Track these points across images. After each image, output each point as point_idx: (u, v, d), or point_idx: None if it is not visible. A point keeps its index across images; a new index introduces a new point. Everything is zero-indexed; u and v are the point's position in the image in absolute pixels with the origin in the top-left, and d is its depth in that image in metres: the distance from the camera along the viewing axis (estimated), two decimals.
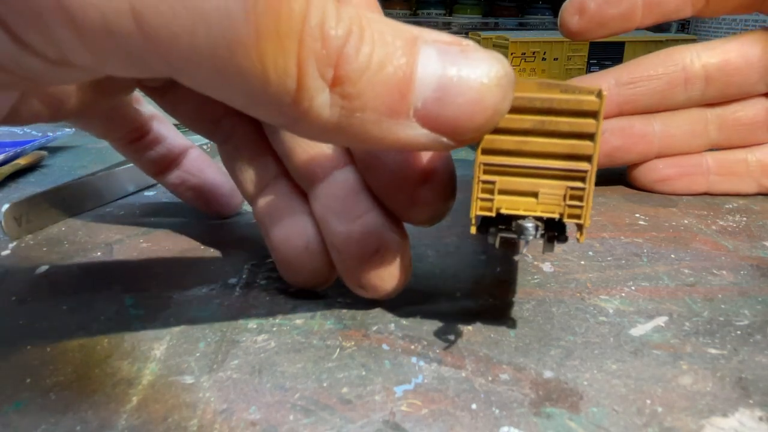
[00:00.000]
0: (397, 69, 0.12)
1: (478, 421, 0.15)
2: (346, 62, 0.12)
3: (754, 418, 0.15)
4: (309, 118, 0.12)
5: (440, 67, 0.13)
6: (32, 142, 0.37)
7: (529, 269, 0.23)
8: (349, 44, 0.12)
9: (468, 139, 0.14)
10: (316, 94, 0.12)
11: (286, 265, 0.20)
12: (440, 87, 0.13)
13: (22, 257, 0.24)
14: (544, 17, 0.83)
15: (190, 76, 0.12)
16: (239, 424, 0.14)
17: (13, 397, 0.15)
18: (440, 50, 0.13)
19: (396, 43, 0.13)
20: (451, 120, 0.13)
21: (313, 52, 0.12)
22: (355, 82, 0.12)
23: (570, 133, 0.15)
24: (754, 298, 0.21)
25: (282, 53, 0.11)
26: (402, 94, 0.13)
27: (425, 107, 0.13)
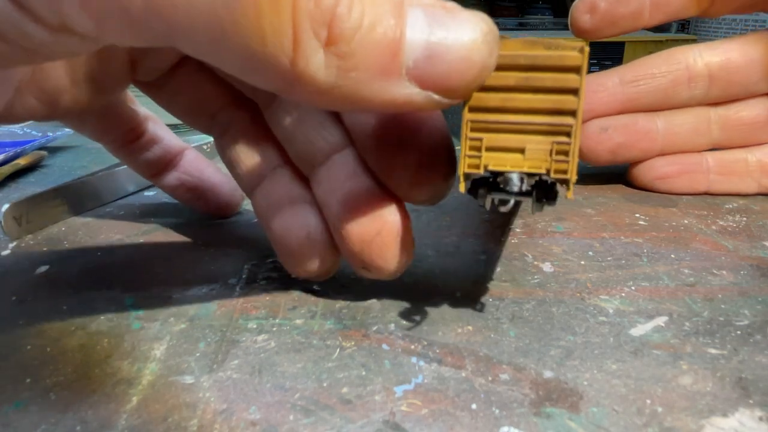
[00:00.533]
0: (387, 29, 0.13)
1: (478, 421, 0.15)
2: (340, 21, 0.12)
3: (754, 418, 0.15)
4: (305, 79, 0.13)
5: (428, 28, 0.13)
6: (32, 142, 0.37)
7: (529, 269, 0.23)
8: (342, 4, 0.12)
9: (459, 96, 0.14)
10: (312, 54, 0.12)
11: (288, 255, 0.20)
12: (429, 46, 0.13)
13: (22, 257, 0.24)
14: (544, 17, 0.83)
15: (189, 39, 0.12)
16: (239, 424, 0.14)
17: (13, 397, 0.15)
18: (427, 12, 0.13)
19: (385, 5, 0.13)
20: (442, 77, 0.14)
21: (307, 11, 0.12)
22: (349, 41, 0.12)
23: (554, 88, 0.15)
24: (754, 298, 0.21)
25: (277, 14, 0.12)
26: (393, 53, 0.13)
27: (416, 66, 0.13)
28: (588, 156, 0.32)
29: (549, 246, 0.25)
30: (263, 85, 0.14)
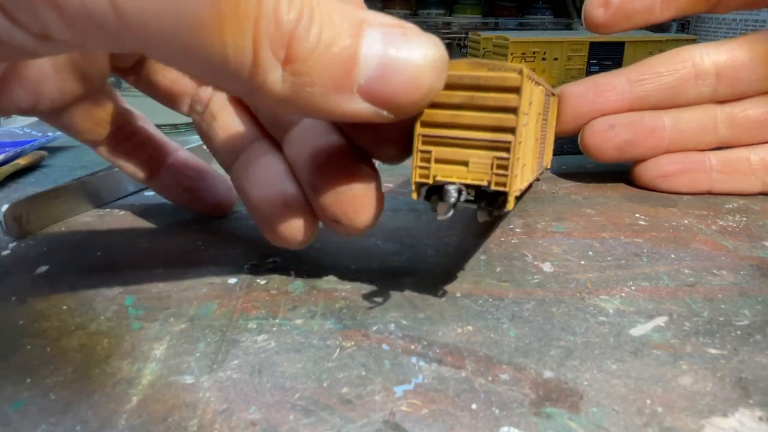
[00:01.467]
0: (342, 49, 0.14)
1: (478, 421, 0.15)
2: (297, 43, 0.13)
3: (754, 418, 0.15)
4: (263, 91, 0.14)
5: (382, 49, 0.14)
6: (32, 142, 0.37)
7: (529, 269, 0.23)
8: (300, 26, 0.13)
9: (406, 113, 0.16)
10: (270, 71, 0.14)
11: (267, 223, 0.20)
12: (382, 66, 0.14)
13: (22, 257, 0.24)
14: (544, 17, 0.82)
15: (159, 52, 0.13)
16: (239, 424, 0.14)
17: (13, 397, 0.15)
18: (384, 32, 0.15)
19: (343, 26, 0.14)
20: (390, 96, 0.15)
21: (267, 33, 0.13)
22: (305, 61, 0.14)
23: (495, 107, 0.17)
24: (754, 298, 0.21)
25: (240, 34, 0.13)
26: (347, 71, 0.14)
27: (368, 84, 0.14)
28: (594, 153, 0.31)
29: (549, 246, 0.25)
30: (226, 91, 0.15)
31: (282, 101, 0.14)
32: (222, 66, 0.13)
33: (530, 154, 0.20)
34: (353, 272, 0.22)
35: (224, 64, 0.13)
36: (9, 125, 0.43)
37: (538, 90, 0.20)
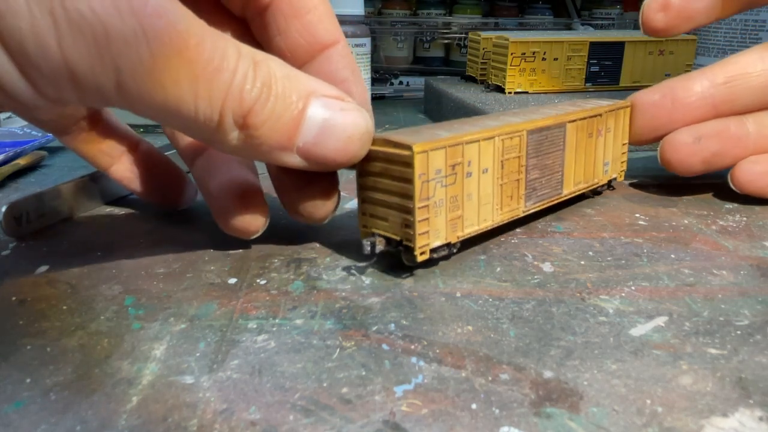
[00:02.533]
0: (289, 120, 0.18)
1: (478, 421, 0.15)
2: (254, 115, 0.17)
3: (754, 418, 0.15)
4: (222, 145, 0.18)
5: (321, 120, 0.18)
6: (32, 142, 0.37)
7: (529, 269, 0.23)
8: (259, 102, 0.17)
9: (330, 170, 0.21)
10: (229, 132, 0.18)
11: (223, 213, 0.23)
12: (318, 135, 0.19)
13: (22, 257, 0.24)
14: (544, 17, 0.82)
15: (143, 114, 0.17)
16: (239, 424, 0.14)
17: (13, 397, 0.15)
18: (325, 104, 0.19)
19: (293, 98, 0.18)
20: (321, 158, 0.19)
21: (232, 108, 0.17)
22: (258, 128, 0.18)
23: (399, 177, 0.20)
24: (754, 298, 0.21)
25: (210, 109, 0.17)
26: (289, 137, 0.18)
27: (305, 146, 0.19)
28: (679, 168, 0.29)
29: (549, 246, 0.25)
30: (191, 138, 0.19)
31: (235, 151, 0.18)
32: (192, 125, 0.17)
33: (487, 198, 0.23)
34: (353, 272, 0.22)
35: (195, 124, 0.17)
36: (9, 125, 0.43)
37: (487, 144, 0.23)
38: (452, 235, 0.22)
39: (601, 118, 0.28)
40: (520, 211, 0.25)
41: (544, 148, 0.25)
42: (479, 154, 0.22)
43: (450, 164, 0.21)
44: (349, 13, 0.47)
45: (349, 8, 0.47)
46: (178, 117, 0.17)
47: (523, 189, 0.25)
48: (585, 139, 0.28)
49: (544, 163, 0.25)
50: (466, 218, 0.22)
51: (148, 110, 0.17)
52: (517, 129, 0.24)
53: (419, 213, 0.20)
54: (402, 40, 0.77)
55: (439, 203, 0.21)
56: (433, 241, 0.21)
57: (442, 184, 0.21)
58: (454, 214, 0.22)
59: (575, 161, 0.27)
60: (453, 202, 0.22)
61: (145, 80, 0.16)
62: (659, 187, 0.33)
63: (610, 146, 0.30)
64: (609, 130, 0.29)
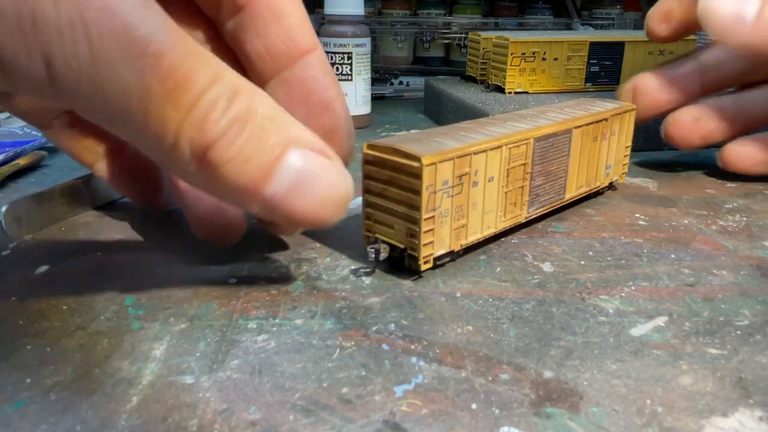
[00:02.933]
0: (259, 166, 0.15)
1: (478, 421, 0.15)
2: (217, 151, 0.15)
3: (754, 418, 0.15)
4: (178, 173, 0.16)
5: (298, 174, 0.16)
6: (32, 142, 0.37)
7: (529, 269, 0.23)
8: (225, 138, 0.15)
9: (294, 228, 0.20)
10: (185, 163, 0.15)
11: (198, 222, 0.22)
12: (290, 189, 0.16)
13: (22, 257, 0.24)
14: (544, 17, 0.82)
15: (87, 115, 0.15)
16: (239, 424, 0.14)
17: (13, 397, 0.15)
18: (305, 157, 0.16)
19: (269, 141, 0.15)
20: (288, 214, 0.16)
21: (189, 137, 0.14)
22: (219, 167, 0.15)
23: (407, 188, 0.21)
24: (754, 298, 0.21)
25: (161, 128, 0.14)
26: (256, 185, 0.15)
27: (273, 199, 0.16)
28: (680, 142, 0.33)
29: (549, 246, 0.25)
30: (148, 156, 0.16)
31: (192, 183, 0.16)
32: (144, 141, 0.15)
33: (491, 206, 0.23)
34: (353, 272, 0.22)
35: (146, 144, 0.15)
36: (9, 125, 0.43)
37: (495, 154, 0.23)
38: (456, 244, 0.22)
39: (606, 122, 0.28)
40: (522, 217, 0.25)
41: (550, 154, 0.25)
42: (486, 164, 0.22)
43: (457, 175, 0.21)
44: (349, 13, 0.47)
45: (349, 8, 0.47)
46: (125, 130, 0.15)
47: (527, 196, 0.25)
48: (590, 144, 0.28)
49: (548, 169, 0.26)
50: (470, 227, 0.23)
51: (91, 113, 0.15)
52: (524, 137, 0.23)
53: (425, 224, 0.20)
54: (402, 40, 0.77)
55: (445, 213, 0.21)
56: (438, 250, 0.21)
57: (448, 195, 0.21)
58: (458, 223, 0.22)
59: (579, 166, 0.27)
60: (458, 211, 0.22)
61: (82, 80, 0.14)
62: (659, 187, 0.33)
63: (614, 149, 0.30)
64: (614, 133, 0.29)
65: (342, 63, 0.47)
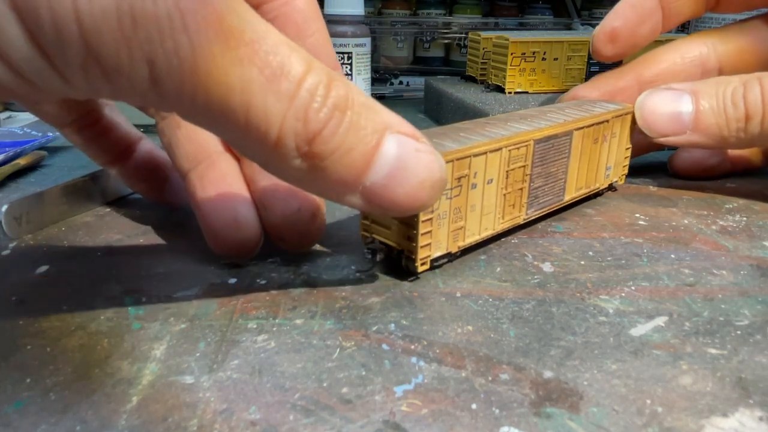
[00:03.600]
0: (362, 154, 0.15)
1: (478, 421, 0.15)
2: (321, 143, 0.15)
3: (754, 418, 0.15)
4: (279, 170, 0.15)
5: (394, 159, 0.16)
6: (32, 142, 0.37)
7: (529, 269, 0.23)
8: (328, 128, 0.14)
9: (393, 216, 0.19)
10: (289, 158, 0.15)
11: (215, 235, 0.22)
12: (389, 177, 0.16)
13: (22, 257, 0.24)
14: (544, 17, 0.82)
15: (191, 122, 0.15)
16: (239, 424, 0.14)
17: (13, 397, 0.15)
18: (400, 142, 0.16)
19: (368, 129, 0.15)
20: (388, 202, 0.16)
21: (293, 129, 0.14)
22: (323, 159, 0.15)
23: None
24: (754, 298, 0.21)
25: (265, 122, 0.14)
26: (358, 175, 0.15)
27: (372, 187, 0.16)
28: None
29: (549, 246, 0.25)
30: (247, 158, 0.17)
31: (291, 181, 0.16)
32: (246, 144, 0.15)
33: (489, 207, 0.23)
34: (353, 272, 0.22)
35: (248, 143, 0.14)
36: (9, 125, 0.43)
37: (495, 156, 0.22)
38: (453, 245, 0.22)
39: (608, 124, 0.28)
40: (521, 219, 0.25)
41: (550, 156, 0.25)
42: (486, 166, 0.22)
43: (456, 177, 0.21)
44: (349, 13, 0.47)
45: (349, 8, 0.47)
46: (228, 129, 0.14)
47: (526, 197, 0.25)
48: (590, 146, 0.28)
49: (548, 171, 0.26)
50: (468, 228, 0.23)
51: (192, 116, 0.14)
52: (524, 139, 0.23)
53: (423, 226, 0.20)
54: (402, 40, 0.77)
55: (443, 215, 0.21)
56: (435, 252, 0.22)
57: (447, 197, 0.21)
58: (456, 225, 0.22)
59: (578, 167, 0.27)
60: (456, 213, 0.22)
61: (184, 77, 0.13)
62: (659, 187, 0.33)
63: (614, 151, 0.30)
64: (614, 135, 0.29)
65: (342, 63, 0.47)
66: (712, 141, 0.28)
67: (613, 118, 0.28)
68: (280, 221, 0.21)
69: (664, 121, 0.29)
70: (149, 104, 0.14)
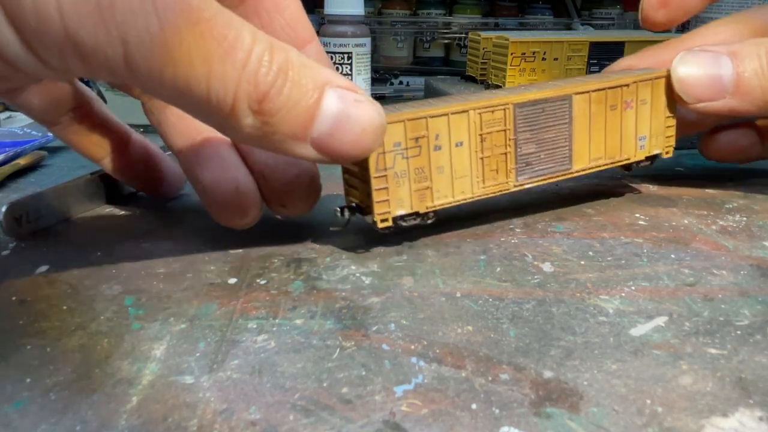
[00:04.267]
0: (305, 109, 0.17)
1: (478, 421, 0.15)
2: (270, 100, 0.17)
3: (754, 418, 0.15)
4: (235, 131, 0.17)
5: (336, 112, 0.18)
6: (32, 142, 0.37)
7: (529, 269, 0.23)
8: (274, 87, 0.17)
9: (343, 163, 0.21)
10: (243, 118, 0.17)
11: (218, 207, 0.23)
12: (333, 126, 0.18)
13: (22, 257, 0.24)
14: (544, 17, 0.82)
15: (153, 93, 0.17)
16: (239, 424, 0.14)
17: (13, 397, 0.15)
18: (340, 96, 0.18)
19: (309, 86, 0.17)
20: (335, 151, 0.18)
21: (246, 92, 0.16)
22: (273, 115, 0.17)
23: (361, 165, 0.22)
24: (754, 298, 0.21)
25: (223, 88, 0.16)
26: (305, 127, 0.18)
27: (319, 138, 0.18)
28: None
29: (549, 246, 0.25)
30: (205, 123, 0.18)
31: (247, 140, 0.18)
32: (206, 109, 0.17)
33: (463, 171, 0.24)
34: (353, 272, 0.22)
35: (208, 108, 0.16)
36: (9, 125, 0.43)
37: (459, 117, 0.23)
38: (421, 205, 0.23)
39: (628, 89, 0.27)
40: (510, 186, 0.25)
41: (542, 121, 0.25)
42: (449, 128, 0.23)
43: (411, 137, 0.22)
44: (349, 13, 0.47)
45: (349, 8, 0.47)
46: (190, 98, 0.16)
47: (512, 163, 0.24)
48: (605, 112, 0.26)
49: (542, 137, 0.25)
50: (438, 190, 0.23)
51: (159, 89, 0.16)
52: (499, 102, 0.24)
53: (375, 182, 0.22)
54: (402, 40, 0.77)
55: (401, 174, 0.22)
56: (396, 209, 0.22)
57: (403, 156, 0.22)
58: (420, 185, 0.23)
59: (591, 136, 0.26)
60: (419, 173, 0.22)
61: (155, 54, 0.15)
62: (659, 187, 0.33)
63: (646, 119, 0.28)
64: (644, 102, 0.27)
65: (342, 63, 0.47)
66: (754, 107, 0.27)
67: (635, 83, 0.27)
68: (281, 187, 0.23)
69: (700, 84, 0.27)
70: (119, 80, 0.16)
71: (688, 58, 0.27)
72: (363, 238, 0.25)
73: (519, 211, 0.28)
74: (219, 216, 0.23)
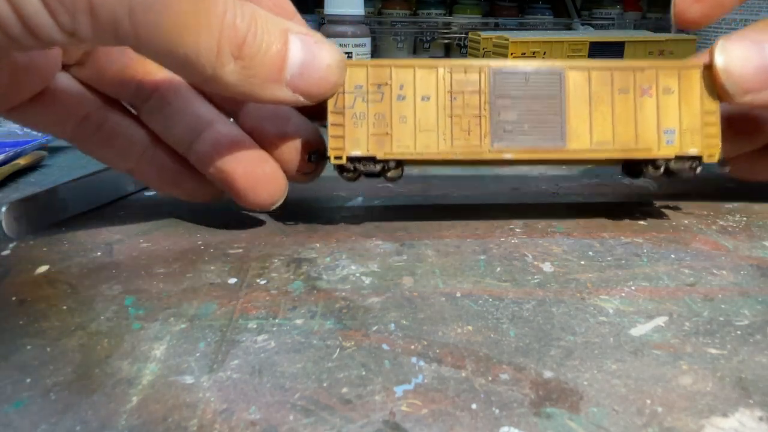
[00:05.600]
0: (276, 52, 0.19)
1: (478, 421, 0.15)
2: (247, 45, 0.19)
3: (754, 418, 0.15)
4: (219, 80, 0.19)
5: (302, 53, 0.20)
6: (32, 142, 0.37)
7: (529, 269, 0.23)
8: (250, 33, 0.19)
9: (318, 100, 0.22)
10: (226, 64, 0.19)
11: (252, 192, 0.24)
12: (302, 66, 0.20)
13: (22, 257, 0.24)
14: (544, 17, 0.82)
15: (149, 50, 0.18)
16: (239, 424, 0.14)
17: (13, 397, 0.15)
18: (302, 40, 0.20)
19: (275, 33, 0.19)
20: (308, 88, 0.20)
21: (228, 38, 0.18)
22: (252, 58, 0.19)
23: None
24: (754, 298, 0.21)
25: (210, 38, 0.18)
26: (278, 69, 0.20)
27: (293, 79, 0.20)
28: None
29: (549, 246, 0.25)
30: (189, 80, 0.21)
31: (230, 88, 0.19)
32: (194, 60, 0.18)
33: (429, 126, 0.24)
34: (353, 272, 0.22)
35: (196, 59, 0.18)
36: (9, 125, 0.43)
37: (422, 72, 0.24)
38: (378, 150, 0.23)
39: (642, 73, 0.25)
40: (485, 150, 0.24)
41: (529, 90, 0.24)
42: (414, 81, 0.23)
43: (374, 83, 0.23)
44: (349, 13, 0.47)
45: (349, 8, 0.47)
46: (184, 50, 0.18)
47: (487, 127, 0.24)
48: (611, 94, 0.25)
49: (528, 107, 0.24)
50: (398, 139, 0.24)
51: (155, 44, 0.17)
52: (473, 64, 0.24)
53: (331, 117, 0.23)
54: (402, 40, 0.77)
55: (360, 116, 0.23)
56: (352, 149, 0.23)
57: (363, 99, 0.23)
58: (379, 130, 0.23)
59: (591, 116, 0.24)
60: (379, 119, 0.23)
61: (155, 9, 0.17)
62: (659, 186, 0.33)
63: (674, 111, 0.25)
64: (669, 91, 0.25)
65: None
66: None
67: (653, 69, 0.25)
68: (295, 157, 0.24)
69: (750, 73, 0.24)
70: (121, 42, 0.17)
71: (733, 45, 0.24)
72: (363, 238, 0.25)
73: (519, 211, 0.28)
74: (251, 201, 0.24)
